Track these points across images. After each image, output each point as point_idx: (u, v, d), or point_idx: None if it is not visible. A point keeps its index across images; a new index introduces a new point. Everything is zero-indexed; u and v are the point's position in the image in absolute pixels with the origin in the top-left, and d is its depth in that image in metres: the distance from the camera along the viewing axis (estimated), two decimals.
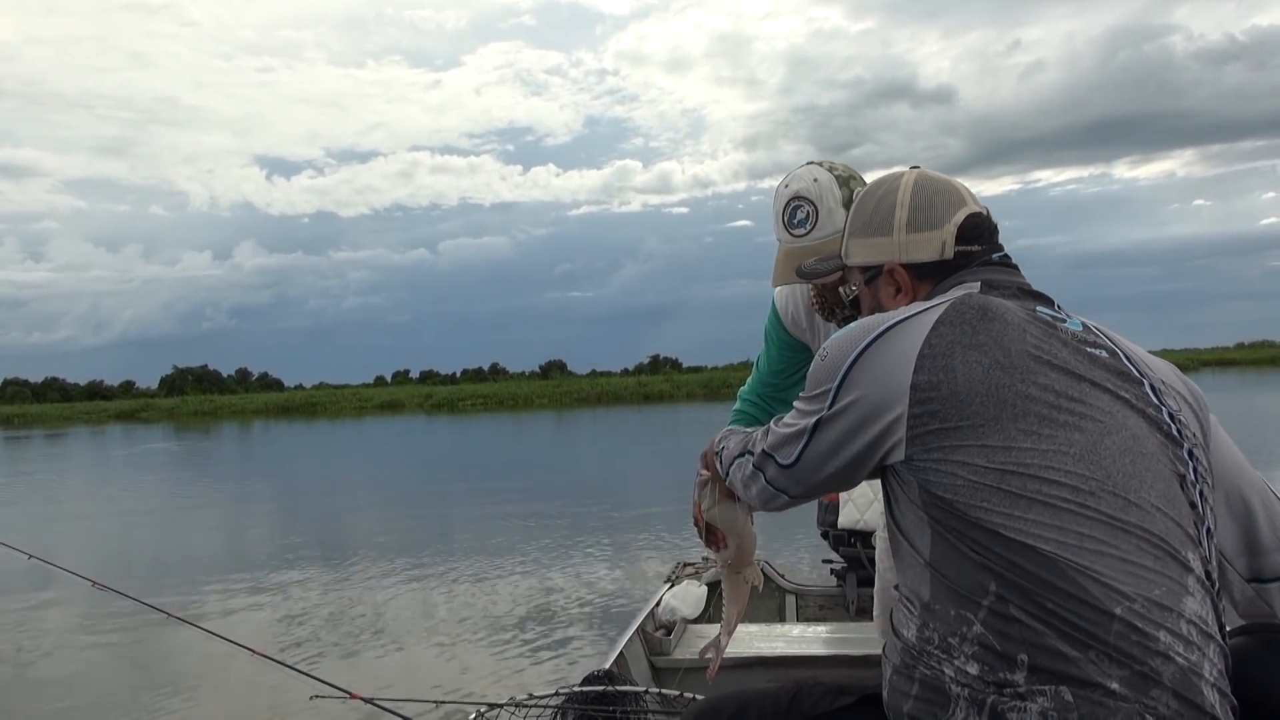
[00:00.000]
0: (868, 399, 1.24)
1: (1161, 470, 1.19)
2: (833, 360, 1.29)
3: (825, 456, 1.30)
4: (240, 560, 9.12)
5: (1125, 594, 1.08)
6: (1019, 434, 1.15)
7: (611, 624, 5.83)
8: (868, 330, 1.27)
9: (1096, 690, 1.05)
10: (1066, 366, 1.21)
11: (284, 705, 4.50)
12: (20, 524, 12.22)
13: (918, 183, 1.45)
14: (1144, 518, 1.13)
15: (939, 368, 1.19)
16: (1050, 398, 1.17)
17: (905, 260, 1.43)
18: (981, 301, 1.26)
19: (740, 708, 1.44)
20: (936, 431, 1.17)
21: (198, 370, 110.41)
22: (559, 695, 2.27)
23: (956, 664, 1.13)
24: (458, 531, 10.55)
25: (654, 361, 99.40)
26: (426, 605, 6.84)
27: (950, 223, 1.40)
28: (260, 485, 18.09)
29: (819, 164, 2.08)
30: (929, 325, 1.23)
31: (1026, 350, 1.20)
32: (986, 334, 1.21)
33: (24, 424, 63.10)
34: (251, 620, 6.57)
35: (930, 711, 1.16)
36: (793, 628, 3.45)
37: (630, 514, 10.93)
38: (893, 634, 1.27)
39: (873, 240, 1.47)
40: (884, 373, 1.23)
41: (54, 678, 5.40)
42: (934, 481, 1.17)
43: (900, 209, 1.43)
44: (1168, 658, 1.06)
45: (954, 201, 1.43)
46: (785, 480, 1.38)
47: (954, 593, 1.15)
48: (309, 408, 65.54)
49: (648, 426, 32.05)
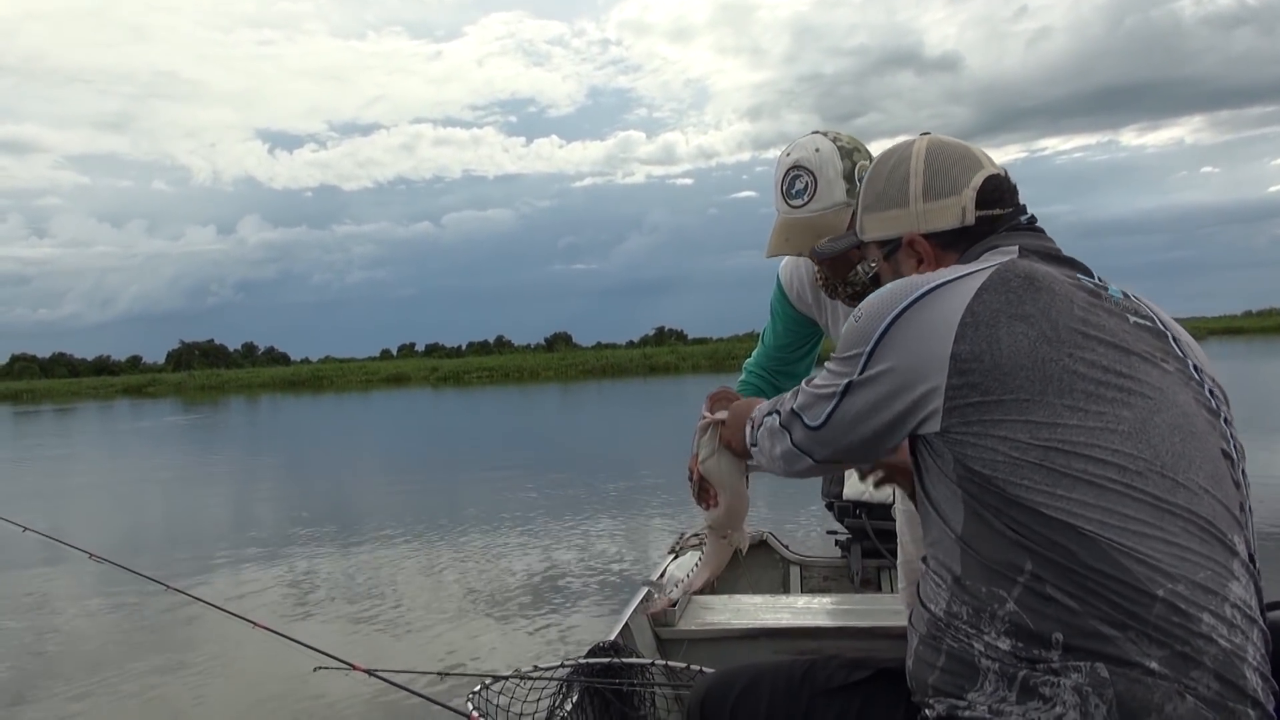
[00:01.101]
0: (902, 366, 1.19)
1: (1209, 449, 1.16)
2: (867, 322, 1.24)
3: (854, 422, 1.26)
4: (246, 533, 9.15)
5: (1169, 575, 1.06)
6: (1065, 410, 1.11)
7: (615, 596, 5.84)
8: (907, 292, 1.22)
9: (1135, 669, 1.03)
10: (1114, 340, 1.17)
11: (287, 677, 4.52)
12: (29, 498, 12.28)
13: (930, 149, 1.41)
14: (1191, 500, 1.10)
15: (982, 338, 1.14)
16: (1098, 374, 1.13)
17: (925, 230, 1.38)
18: (1028, 269, 1.21)
19: (753, 680, 1.43)
20: (977, 405, 1.13)
21: (204, 345, 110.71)
22: (564, 667, 2.26)
23: (987, 639, 1.11)
24: (463, 504, 10.57)
25: (659, 333, 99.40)
26: (431, 577, 6.86)
27: (968, 187, 1.36)
28: (268, 459, 18.14)
29: (823, 134, 2.03)
30: (972, 291, 1.18)
31: (1074, 323, 1.16)
32: (1034, 304, 1.16)
33: (32, 399, 63.36)
34: (256, 593, 6.59)
35: (957, 684, 1.14)
36: (797, 599, 3.44)
37: (635, 485, 10.94)
38: (920, 605, 1.25)
39: (888, 213, 1.42)
40: (922, 339, 1.18)
41: (54, 652, 5.43)
42: (971, 456, 1.14)
43: (914, 177, 1.39)
44: (1210, 639, 1.04)
45: (970, 165, 1.38)
46: (811, 442, 1.34)
47: (987, 569, 1.12)
48: (315, 381, 65.68)
49: (653, 398, 32.05)
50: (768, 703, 1.39)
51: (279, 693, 4.44)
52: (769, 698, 1.39)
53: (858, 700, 1.34)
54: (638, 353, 72.16)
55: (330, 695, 4.26)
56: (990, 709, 1.10)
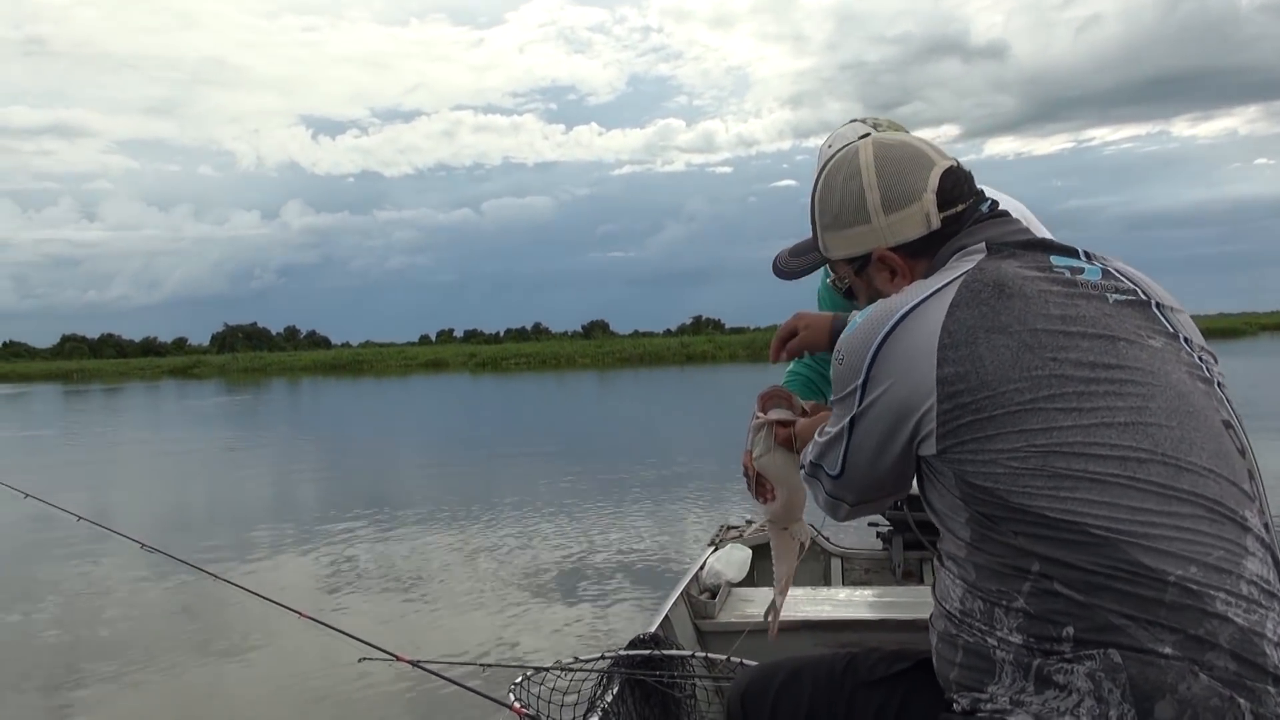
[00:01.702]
0: (894, 392, 1.19)
1: (1210, 425, 1.15)
2: (850, 361, 1.24)
3: (870, 457, 1.26)
4: (287, 517, 9.29)
5: (1180, 560, 1.05)
6: (1058, 413, 1.10)
7: (654, 587, 5.84)
8: (879, 324, 1.22)
9: (1147, 653, 1.03)
10: (1097, 330, 1.16)
11: (331, 667, 4.57)
12: (79, 478, 12.56)
13: (878, 157, 1.36)
14: (1197, 483, 1.09)
15: (963, 357, 1.14)
16: (1085, 371, 1.12)
17: (892, 243, 1.34)
18: (995, 276, 1.20)
19: (794, 673, 1.43)
20: (970, 423, 1.13)
21: (247, 328, 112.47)
22: (605, 659, 2.27)
23: (1000, 634, 1.12)
24: (500, 490, 10.64)
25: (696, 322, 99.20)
26: (468, 565, 6.91)
27: (927, 190, 1.32)
28: (309, 441, 18.41)
29: (863, 121, 2.03)
30: (943, 310, 1.17)
31: (1053, 324, 1.15)
32: (1008, 313, 1.15)
33: (82, 379, 64.80)
34: (297, 579, 6.68)
35: (976, 679, 1.15)
36: (839, 591, 3.42)
37: (672, 475, 10.94)
38: (936, 602, 1.25)
39: (851, 231, 1.38)
40: (906, 367, 1.18)
41: (102, 637, 5.53)
42: (971, 471, 1.13)
43: (869, 190, 1.34)
44: (1225, 619, 1.04)
45: (922, 165, 1.34)
46: (838, 489, 1.35)
47: (995, 572, 1.13)
48: (356, 365, 66.44)
49: (690, 387, 32.05)
50: (810, 695, 1.39)
51: (323, 682, 4.50)
52: (811, 690, 1.39)
53: (900, 691, 1.34)
54: (675, 341, 72.12)
55: (373, 684, 4.30)
56: (1011, 700, 1.10)
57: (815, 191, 1.45)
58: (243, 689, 4.57)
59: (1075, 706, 1.06)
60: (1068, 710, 1.06)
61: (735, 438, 1.73)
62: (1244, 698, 1.02)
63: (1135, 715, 1.03)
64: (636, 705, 2.22)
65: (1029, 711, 1.09)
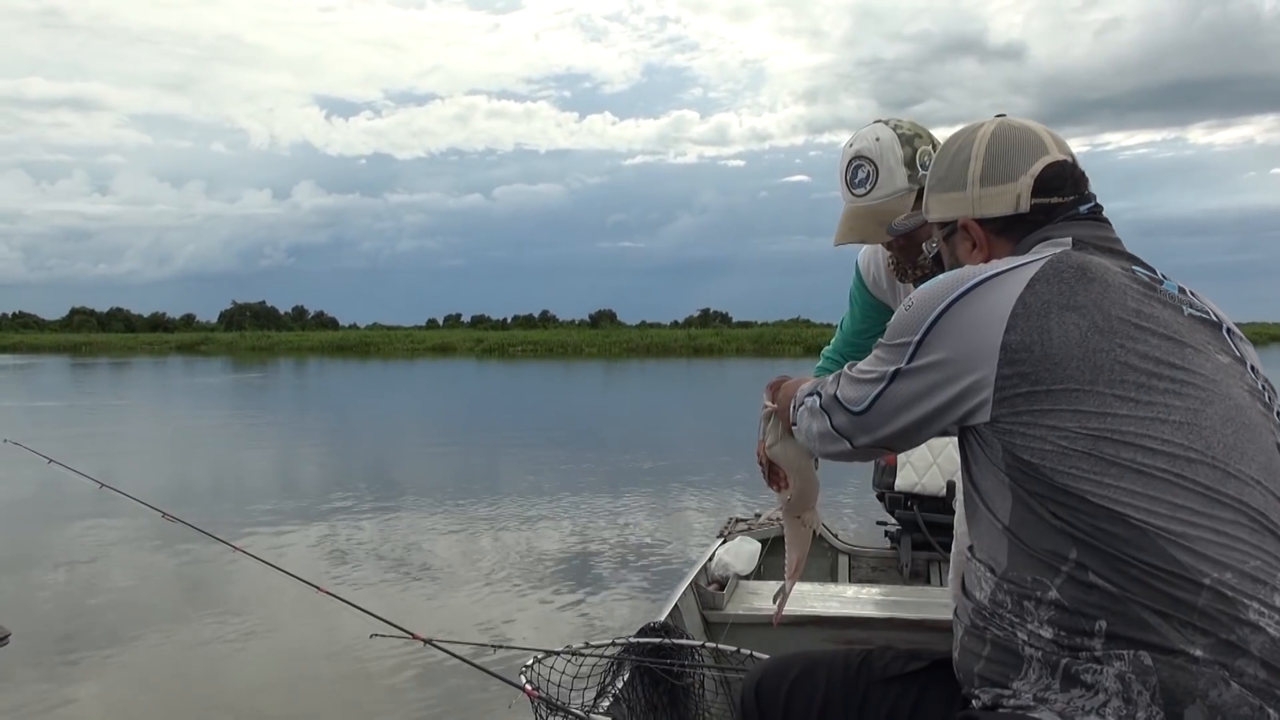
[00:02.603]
0: (951, 356, 1.19)
1: (1264, 441, 1.15)
2: (918, 311, 1.24)
3: (897, 409, 1.27)
4: (296, 494, 9.34)
5: (1216, 564, 1.05)
6: (1115, 400, 1.10)
7: (662, 577, 5.86)
8: (957, 283, 1.22)
9: (1178, 656, 1.03)
10: (1167, 332, 1.16)
11: (343, 641, 4.62)
12: (90, 449, 12.60)
13: (996, 133, 1.38)
14: (1243, 490, 1.09)
15: (1033, 328, 1.14)
16: (1150, 365, 1.12)
17: (979, 215, 1.37)
18: (1081, 260, 1.20)
19: (808, 667, 1.44)
20: (1026, 395, 1.13)
21: (256, 306, 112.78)
22: (615, 645, 2.28)
23: (1030, 627, 1.12)
24: (507, 475, 10.67)
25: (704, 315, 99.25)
26: (478, 548, 6.94)
27: (1026, 174, 1.34)
28: (319, 422, 18.46)
29: (884, 122, 2.05)
30: (1024, 282, 1.18)
31: (1127, 314, 1.15)
32: (1085, 295, 1.16)
33: (90, 352, 65.00)
34: (307, 555, 6.72)
35: (1002, 673, 1.15)
36: (846, 588, 3.43)
37: (680, 467, 10.96)
38: (964, 595, 1.25)
39: (948, 195, 1.41)
40: (972, 329, 1.18)
41: (119, 603, 5.59)
42: (1020, 445, 1.13)
43: (975, 161, 1.37)
44: (1257, 628, 1.03)
45: (1033, 150, 1.35)
46: (851, 427, 1.34)
47: (1031, 558, 1.13)
48: (363, 347, 66.57)
49: (697, 380, 32.05)
50: (824, 690, 1.40)
51: (335, 656, 4.54)
52: (825, 685, 1.40)
53: (914, 690, 1.35)
54: (682, 333, 72.13)
55: (384, 660, 4.34)
56: (1035, 697, 1.10)
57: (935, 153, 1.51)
58: (254, 661, 4.60)
59: (1101, 706, 1.06)
60: (1094, 709, 1.06)
61: (742, 431, 1.75)
62: (1273, 708, 1.02)
63: (1164, 719, 1.03)
64: (645, 692, 2.23)
65: (1053, 709, 1.09)
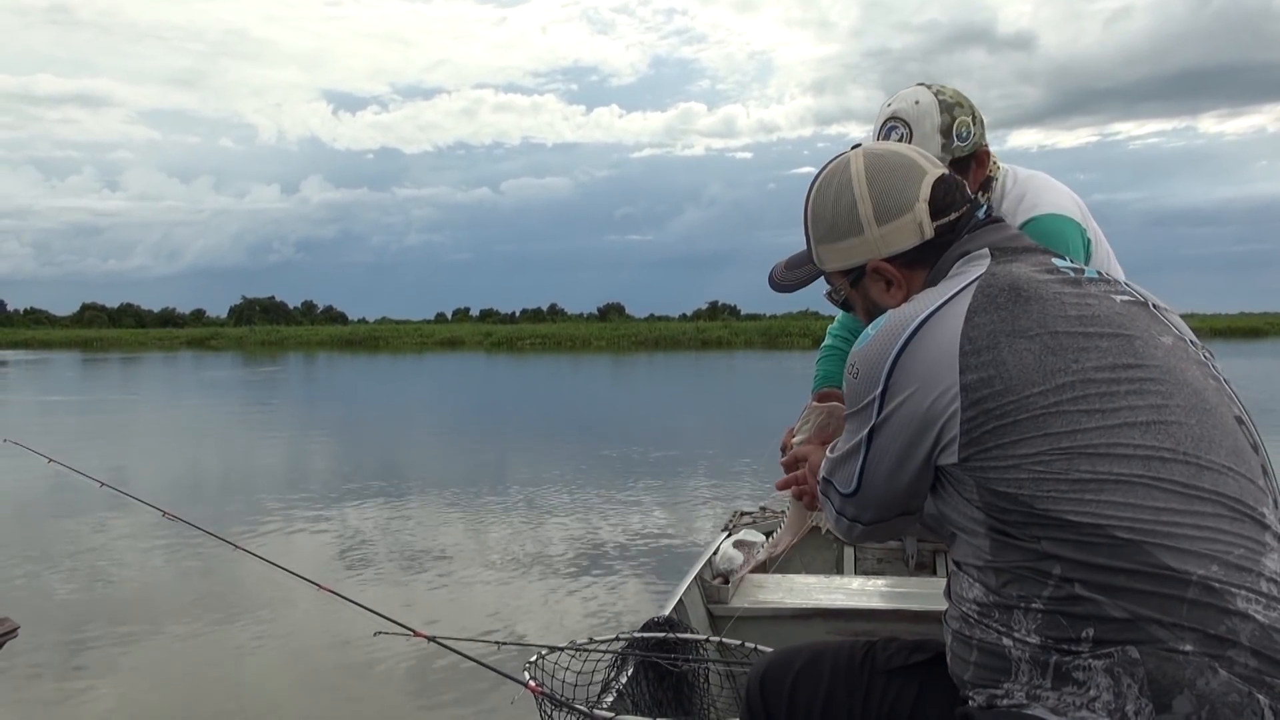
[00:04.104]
0: (916, 400, 1.18)
1: (1225, 422, 1.15)
2: (867, 373, 1.23)
3: (889, 471, 1.25)
4: (303, 490, 9.36)
5: (1201, 559, 1.05)
6: (1082, 415, 1.11)
7: (666, 570, 5.86)
8: (895, 333, 1.21)
9: (1165, 648, 1.04)
10: (1114, 329, 1.16)
11: (346, 639, 4.62)
12: (99, 445, 12.67)
13: (869, 168, 1.36)
14: (1217, 481, 1.10)
15: (987, 363, 1.14)
16: (1106, 372, 1.13)
17: (886, 254, 1.35)
18: (1009, 280, 1.20)
19: (813, 659, 1.44)
20: (994, 430, 1.13)
21: (265, 301, 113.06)
22: (620, 640, 2.28)
23: (1017, 635, 1.12)
24: (514, 470, 10.69)
25: (713, 308, 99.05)
26: (483, 544, 6.95)
27: (919, 200, 1.33)
28: (327, 416, 18.51)
29: (927, 86, 1.99)
30: (961, 316, 1.17)
31: (1071, 325, 1.15)
32: (1027, 316, 1.16)
33: (101, 348, 65.30)
34: (312, 552, 6.74)
35: (992, 678, 1.15)
36: (851, 580, 3.42)
37: (686, 460, 10.96)
38: (950, 603, 1.25)
39: (845, 243, 1.38)
40: (927, 374, 1.17)
41: (121, 601, 5.61)
42: (995, 478, 1.13)
43: (861, 203, 1.35)
44: (1246, 617, 1.04)
45: (913, 175, 1.35)
46: (852, 508, 1.33)
47: (1015, 578, 1.13)
48: (372, 341, 66.70)
49: (705, 373, 32.03)
50: (828, 681, 1.40)
51: (338, 654, 4.55)
52: (830, 676, 1.40)
53: (918, 681, 1.35)
54: (691, 326, 72.07)
55: (388, 658, 4.35)
56: (1028, 695, 1.11)
57: (808, 204, 1.45)
58: (257, 658, 4.62)
59: (1092, 701, 1.06)
60: (1084, 705, 1.07)
61: (749, 425, 1.74)
62: (1263, 694, 1.02)
63: (1153, 710, 1.03)
64: (650, 686, 2.23)
65: (1046, 705, 1.10)
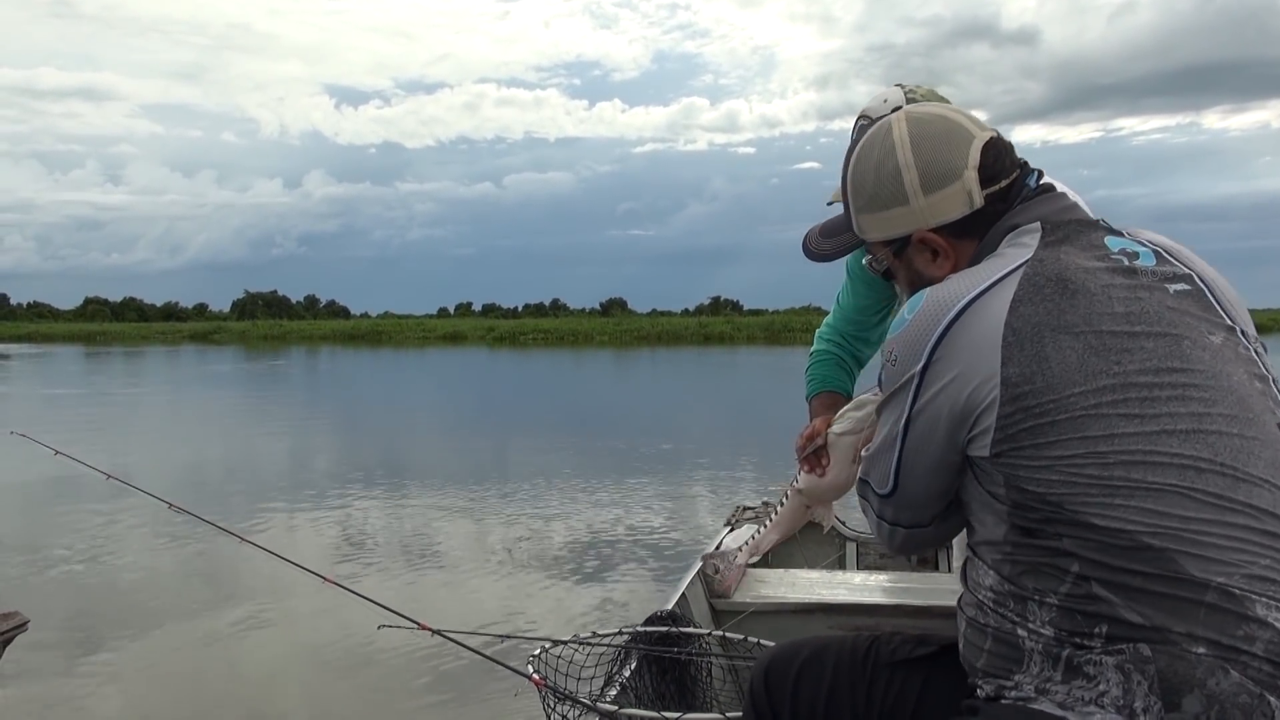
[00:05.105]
0: (959, 385, 1.14)
1: (1267, 431, 1.13)
2: (907, 353, 1.19)
3: (929, 465, 1.21)
4: (307, 482, 9.37)
5: (1225, 567, 1.04)
6: (1120, 419, 1.08)
7: (669, 565, 5.87)
8: (938, 314, 1.16)
9: (1178, 648, 1.03)
10: (1161, 328, 1.13)
11: (350, 632, 4.63)
12: (104, 438, 12.69)
13: (914, 133, 1.29)
14: (1252, 494, 1.08)
15: (1029, 357, 1.10)
16: (1149, 377, 1.10)
17: (933, 224, 1.28)
18: (1057, 270, 1.16)
19: (816, 653, 1.43)
20: (1030, 429, 1.10)
21: (268, 295, 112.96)
22: (623, 634, 2.28)
23: (1032, 625, 1.12)
24: (516, 464, 10.70)
25: (715, 303, 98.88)
26: (487, 537, 6.96)
27: (968, 168, 1.26)
28: (329, 410, 18.53)
29: (901, 86, 2.01)
30: (1006, 304, 1.14)
31: (1118, 324, 1.12)
32: (1073, 312, 1.12)
33: (104, 342, 65.35)
34: (314, 545, 6.74)
35: (1003, 667, 1.15)
36: (854, 575, 3.42)
37: (688, 455, 10.96)
38: (966, 590, 1.24)
39: (889, 213, 1.31)
40: (970, 358, 1.13)
41: (125, 593, 5.63)
42: (1025, 476, 1.11)
43: (906, 171, 1.28)
44: (1264, 623, 1.03)
45: (961, 140, 1.28)
46: (891, 510, 1.28)
47: (1032, 570, 1.12)
48: (375, 336, 66.69)
49: (708, 368, 32.01)
50: (831, 674, 1.39)
51: (342, 647, 4.55)
52: (833, 670, 1.39)
53: (921, 675, 1.34)
54: (693, 321, 72.00)
55: (392, 651, 4.35)
56: (1036, 688, 1.11)
57: (848, 171, 1.37)
58: (262, 651, 4.63)
59: (1101, 696, 1.06)
60: (1092, 700, 1.06)
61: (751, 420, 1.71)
62: (1275, 696, 1.01)
63: (1162, 708, 1.02)
64: (653, 680, 2.23)
65: (1053, 700, 1.10)
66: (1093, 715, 1.06)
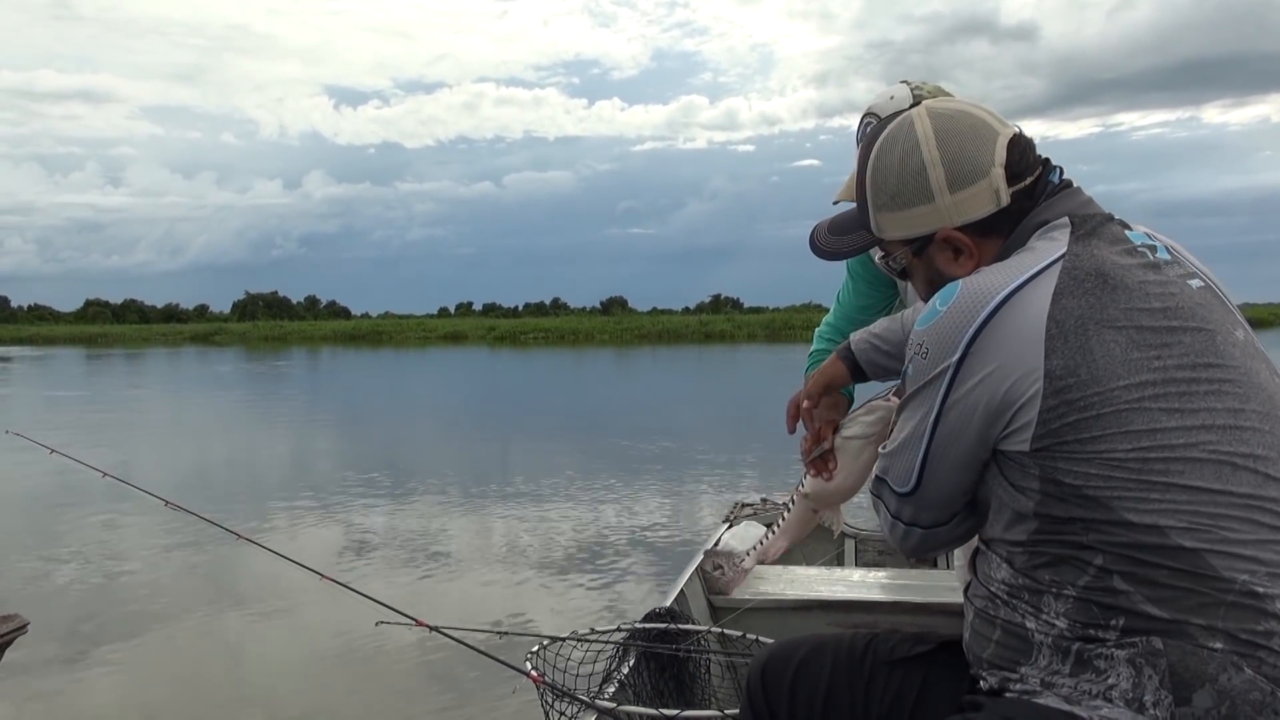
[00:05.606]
0: (992, 382, 1.11)
1: None
2: (939, 345, 1.15)
3: (955, 462, 1.18)
4: (307, 481, 9.38)
5: (1250, 563, 1.04)
6: (1162, 414, 1.07)
7: (668, 562, 5.86)
8: (976, 306, 1.13)
9: (1192, 642, 1.03)
10: (1196, 323, 1.13)
11: (348, 629, 4.64)
12: (104, 439, 12.69)
13: (938, 131, 1.25)
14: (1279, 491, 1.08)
15: (1074, 350, 1.09)
16: (1188, 371, 1.10)
17: (958, 223, 1.24)
18: (1095, 264, 1.14)
19: (815, 650, 1.43)
20: (1074, 422, 1.08)
21: (268, 296, 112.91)
22: (621, 631, 2.28)
23: (1045, 618, 1.11)
24: (516, 462, 10.70)
25: (715, 301, 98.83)
26: (484, 536, 6.97)
27: (994, 165, 1.23)
28: (329, 409, 18.53)
29: (907, 82, 2.01)
30: (1048, 297, 1.12)
31: (1157, 319, 1.11)
32: (1115, 305, 1.11)
33: (105, 344, 65.35)
34: (314, 543, 6.76)
35: (1010, 658, 1.14)
36: (852, 572, 3.42)
37: (688, 452, 10.96)
38: (977, 580, 1.23)
39: (912, 211, 1.27)
40: (1010, 352, 1.11)
41: (124, 591, 5.63)
42: (1063, 470, 1.09)
43: (932, 168, 1.24)
44: None
45: (986, 136, 1.24)
46: (910, 508, 1.25)
47: (1053, 562, 1.11)
48: (375, 336, 66.73)
49: (708, 366, 32.00)
50: (830, 672, 1.38)
51: (340, 644, 4.56)
52: (831, 667, 1.39)
53: (919, 672, 1.34)
54: (694, 319, 72.01)
55: (390, 648, 4.36)
56: (1042, 681, 1.10)
57: (867, 169, 1.33)
58: (261, 648, 4.65)
59: (1109, 689, 1.05)
60: (1100, 693, 1.06)
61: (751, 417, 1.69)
62: None
63: (1172, 702, 1.02)
64: (651, 677, 2.23)
65: (1059, 694, 1.09)
66: (1100, 709, 1.05)
